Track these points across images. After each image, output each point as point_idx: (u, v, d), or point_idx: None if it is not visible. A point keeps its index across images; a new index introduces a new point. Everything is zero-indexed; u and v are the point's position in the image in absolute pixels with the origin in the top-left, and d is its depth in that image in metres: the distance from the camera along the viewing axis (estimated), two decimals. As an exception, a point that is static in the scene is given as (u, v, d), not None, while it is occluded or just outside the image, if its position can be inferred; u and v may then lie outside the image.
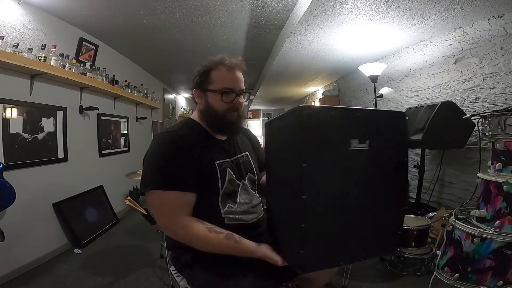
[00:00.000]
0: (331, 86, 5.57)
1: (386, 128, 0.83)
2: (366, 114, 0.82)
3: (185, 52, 3.83)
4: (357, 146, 0.78)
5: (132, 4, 2.48)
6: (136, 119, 4.54)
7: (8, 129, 2.20)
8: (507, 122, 1.43)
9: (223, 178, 1.05)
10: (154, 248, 2.63)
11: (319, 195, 0.78)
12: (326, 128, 0.77)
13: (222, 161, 1.07)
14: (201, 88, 1.06)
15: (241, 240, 0.95)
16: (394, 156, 0.84)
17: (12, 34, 2.21)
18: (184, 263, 1.07)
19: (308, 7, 2.16)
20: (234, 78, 1.05)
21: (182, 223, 0.94)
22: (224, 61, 1.04)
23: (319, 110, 0.80)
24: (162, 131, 1.08)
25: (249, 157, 1.20)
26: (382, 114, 0.86)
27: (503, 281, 1.39)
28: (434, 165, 2.85)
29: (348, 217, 0.83)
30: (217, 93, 1.03)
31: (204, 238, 0.94)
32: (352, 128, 0.79)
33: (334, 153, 0.78)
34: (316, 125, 0.76)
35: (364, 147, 0.79)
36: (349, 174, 0.80)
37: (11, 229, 2.09)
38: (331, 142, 0.77)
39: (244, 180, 1.13)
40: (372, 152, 0.79)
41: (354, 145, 0.78)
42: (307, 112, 0.75)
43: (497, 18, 2.21)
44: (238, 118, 1.08)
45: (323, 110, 0.80)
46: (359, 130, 0.79)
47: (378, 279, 2.11)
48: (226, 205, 1.05)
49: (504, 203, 1.42)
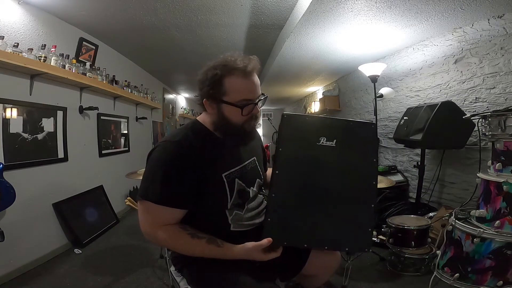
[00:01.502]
0: (331, 86, 5.57)
1: (354, 134, 1.01)
2: (336, 122, 1.06)
3: (185, 52, 3.83)
4: (325, 143, 0.97)
5: (132, 4, 2.48)
6: (136, 119, 4.54)
7: (8, 129, 2.20)
8: (507, 122, 1.43)
9: (232, 189, 1.02)
10: (154, 248, 2.63)
11: (289, 174, 0.96)
12: (300, 127, 0.99)
13: (231, 171, 1.03)
14: (214, 99, 0.95)
15: (223, 244, 0.95)
16: (362, 156, 0.99)
17: (12, 34, 2.21)
18: (184, 263, 1.07)
19: (308, 7, 2.16)
20: (253, 87, 0.95)
21: (164, 230, 0.94)
22: (237, 64, 0.92)
23: (297, 115, 1.01)
24: (166, 139, 1.01)
25: (256, 163, 1.17)
26: (350, 123, 1.04)
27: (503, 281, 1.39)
28: (434, 165, 2.85)
29: (315, 202, 0.96)
30: (236, 107, 0.93)
31: (186, 244, 0.94)
32: (323, 130, 0.99)
33: (305, 144, 0.98)
34: (293, 124, 0.99)
35: (331, 144, 0.97)
36: (318, 164, 0.97)
37: (11, 229, 2.08)
38: (303, 137, 0.98)
39: (253, 187, 1.11)
40: (338, 149, 0.97)
41: (322, 142, 0.97)
42: (287, 116, 0.99)
43: (497, 18, 2.20)
44: (255, 125, 1.03)
45: (300, 115, 1.03)
46: (329, 132, 0.98)
47: (378, 279, 2.11)
48: (233, 212, 1.03)
49: (504, 203, 1.42)
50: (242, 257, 0.93)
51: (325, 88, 5.88)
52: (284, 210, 0.94)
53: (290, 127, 0.99)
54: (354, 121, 1.03)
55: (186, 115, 7.76)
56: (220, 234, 0.99)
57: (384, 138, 3.80)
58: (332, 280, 1.98)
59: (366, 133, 1.02)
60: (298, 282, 1.32)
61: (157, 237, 0.95)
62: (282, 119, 0.99)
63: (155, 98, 5.22)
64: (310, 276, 1.21)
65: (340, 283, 1.95)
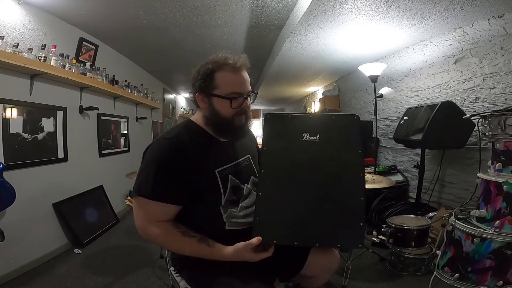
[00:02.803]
0: (331, 86, 5.57)
1: (337, 127, 1.01)
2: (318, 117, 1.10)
3: (185, 52, 3.83)
4: (308, 138, 0.98)
5: (132, 4, 2.48)
6: (136, 119, 4.54)
7: (8, 129, 2.19)
8: (507, 122, 1.43)
9: (225, 186, 1.03)
10: (154, 248, 2.62)
11: (274, 172, 0.97)
12: (283, 125, 1.01)
13: (224, 167, 1.04)
14: (205, 92, 1.00)
15: (213, 244, 0.95)
16: (346, 149, 0.99)
17: (12, 34, 2.21)
18: (183, 264, 1.07)
19: (308, 7, 2.16)
20: (242, 81, 1.00)
21: (156, 226, 0.95)
22: (227, 60, 0.97)
23: (279, 114, 1.04)
24: (160, 137, 1.04)
25: (250, 160, 1.18)
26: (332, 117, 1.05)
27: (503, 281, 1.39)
28: (434, 165, 2.85)
29: (302, 199, 0.95)
30: (225, 99, 0.98)
31: (177, 241, 0.95)
32: (305, 126, 1.00)
33: (288, 142, 0.99)
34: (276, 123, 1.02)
35: (314, 139, 0.98)
36: (303, 160, 0.98)
37: (11, 229, 2.08)
38: (287, 134, 1.00)
39: (248, 184, 1.11)
40: (322, 144, 0.98)
41: (306, 137, 0.98)
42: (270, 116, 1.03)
43: (497, 18, 2.20)
44: (246, 121, 1.06)
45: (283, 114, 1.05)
46: (312, 128, 0.99)
47: (378, 279, 2.11)
48: (228, 210, 1.03)
49: (504, 203, 1.42)
50: (232, 258, 0.92)
51: (325, 88, 5.88)
52: (271, 209, 0.94)
53: (273, 126, 1.00)
54: (336, 115, 1.05)
55: (186, 115, 7.76)
56: (215, 233, 0.99)
57: (384, 138, 3.80)
58: (332, 280, 1.98)
59: (349, 126, 1.01)
60: (298, 282, 1.32)
61: (149, 233, 0.96)
62: (265, 119, 1.02)
63: (155, 98, 5.22)
64: (309, 276, 1.21)
65: (340, 283, 1.95)
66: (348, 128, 1.01)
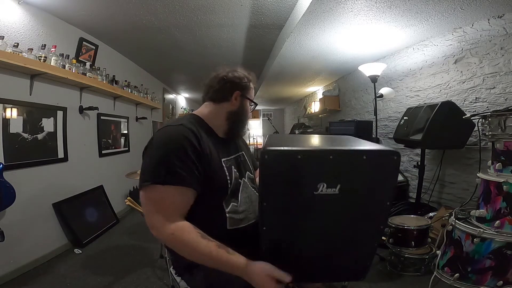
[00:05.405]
0: (331, 86, 5.57)
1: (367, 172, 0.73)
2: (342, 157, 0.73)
3: (185, 52, 3.83)
4: (325, 191, 0.72)
5: (132, 4, 2.48)
6: (136, 119, 4.54)
7: (8, 129, 2.20)
8: (507, 122, 1.43)
9: (230, 175, 1.06)
10: (154, 248, 2.63)
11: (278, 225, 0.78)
12: (291, 170, 0.73)
13: (227, 158, 1.09)
14: (243, 93, 1.18)
15: (234, 252, 0.88)
16: (373, 201, 0.76)
17: (12, 34, 2.21)
18: (184, 267, 1.06)
19: (308, 7, 2.16)
20: None
21: (172, 221, 0.89)
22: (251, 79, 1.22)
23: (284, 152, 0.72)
24: (168, 124, 1.03)
25: (245, 156, 1.24)
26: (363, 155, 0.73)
27: (503, 281, 1.39)
28: (434, 165, 2.85)
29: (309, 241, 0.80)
30: (253, 104, 1.21)
31: (193, 242, 0.87)
32: (322, 172, 0.73)
33: (298, 195, 0.74)
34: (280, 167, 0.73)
35: (333, 192, 0.72)
36: (314, 215, 0.76)
37: (11, 229, 2.09)
38: (296, 185, 0.73)
39: (244, 178, 1.14)
40: (342, 198, 0.73)
41: (322, 189, 0.72)
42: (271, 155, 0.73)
43: (497, 18, 2.20)
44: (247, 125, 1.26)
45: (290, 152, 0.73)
46: (331, 174, 0.72)
47: (378, 279, 2.11)
48: (230, 204, 1.04)
49: (504, 203, 1.42)
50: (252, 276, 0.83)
51: (325, 88, 5.88)
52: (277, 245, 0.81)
53: (276, 172, 0.73)
54: (369, 151, 0.75)
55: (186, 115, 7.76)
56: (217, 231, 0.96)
57: (384, 138, 3.80)
58: (332, 280, 1.98)
59: (384, 169, 0.73)
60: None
61: (163, 231, 0.88)
62: (263, 159, 0.73)
63: (155, 98, 5.22)
64: None
65: (340, 283, 1.95)
66: (382, 172, 0.74)
